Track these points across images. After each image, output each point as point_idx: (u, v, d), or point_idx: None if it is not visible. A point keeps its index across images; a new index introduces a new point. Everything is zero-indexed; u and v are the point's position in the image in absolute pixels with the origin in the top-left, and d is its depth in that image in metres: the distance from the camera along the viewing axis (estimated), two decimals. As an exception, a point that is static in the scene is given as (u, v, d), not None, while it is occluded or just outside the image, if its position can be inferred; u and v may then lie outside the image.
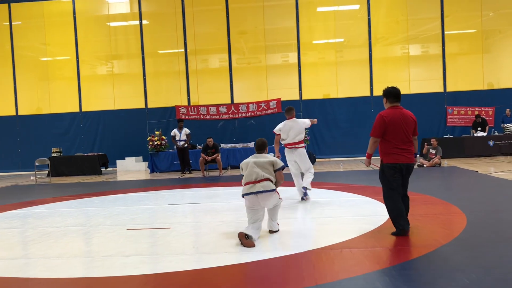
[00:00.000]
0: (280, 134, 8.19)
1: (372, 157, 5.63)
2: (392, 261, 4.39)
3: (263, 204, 5.50)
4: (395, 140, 5.32)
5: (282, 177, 5.67)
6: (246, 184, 5.56)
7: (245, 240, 5.22)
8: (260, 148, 5.90)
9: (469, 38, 17.73)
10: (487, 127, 16.24)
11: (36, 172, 14.98)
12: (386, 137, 5.34)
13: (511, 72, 17.20)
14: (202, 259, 4.79)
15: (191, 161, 15.19)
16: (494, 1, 17.29)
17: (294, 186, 8.43)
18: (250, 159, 5.71)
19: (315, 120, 8.68)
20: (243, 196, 5.58)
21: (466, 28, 17.59)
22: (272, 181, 5.54)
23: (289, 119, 8.26)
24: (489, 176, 10.41)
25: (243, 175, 5.65)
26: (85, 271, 4.63)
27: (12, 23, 18.89)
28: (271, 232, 5.79)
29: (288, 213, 7.00)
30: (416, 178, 10.63)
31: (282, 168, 5.67)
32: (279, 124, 8.31)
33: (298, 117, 17.04)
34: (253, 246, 5.16)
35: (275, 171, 5.62)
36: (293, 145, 8.18)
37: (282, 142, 8.21)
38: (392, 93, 5.49)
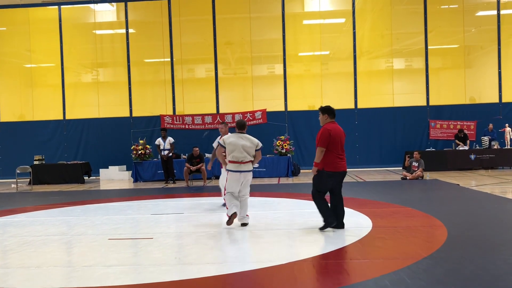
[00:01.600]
0: None
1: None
2: (374, 273, 4.42)
3: (243, 179, 6.93)
4: (336, 150, 6.26)
5: (260, 156, 7.14)
6: (233, 162, 6.90)
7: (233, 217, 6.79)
8: (243, 127, 7.12)
9: (451, 53, 18.06)
10: (467, 141, 16.50)
11: (18, 180, 14.76)
12: (329, 147, 6.24)
13: (493, 87, 17.53)
14: (184, 270, 4.76)
15: (175, 171, 15.12)
16: (476, 18, 17.68)
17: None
18: (238, 141, 6.91)
19: None
20: (227, 170, 6.96)
21: (449, 43, 17.90)
22: (252, 162, 7.01)
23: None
24: (470, 190, 10.55)
25: (222, 145, 6.98)
26: (64, 281, 4.57)
27: (-3, 28, 18.73)
28: (243, 225, 6.91)
29: (271, 224, 7.00)
30: (399, 191, 10.75)
31: (261, 148, 7.13)
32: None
33: (284, 128, 17.25)
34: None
35: (256, 150, 7.02)
36: None
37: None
38: (331, 111, 6.53)
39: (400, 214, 7.46)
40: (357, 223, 6.88)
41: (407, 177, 13.24)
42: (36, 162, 16.21)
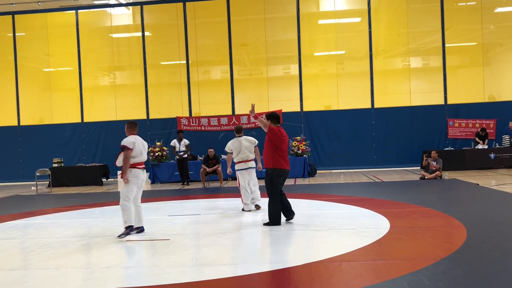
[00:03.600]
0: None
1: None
2: (392, 274, 4.37)
3: (249, 176, 8.49)
4: (282, 151, 6.98)
5: (258, 151, 8.71)
6: (240, 162, 8.47)
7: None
8: (241, 131, 8.77)
9: (469, 51, 17.78)
10: (486, 140, 16.23)
11: (37, 183, 14.99)
12: (278, 146, 6.94)
13: (512, 85, 17.24)
14: (201, 271, 4.77)
15: (191, 172, 15.18)
16: (494, 14, 17.38)
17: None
18: (240, 144, 8.51)
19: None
20: (236, 171, 8.53)
21: (467, 41, 17.65)
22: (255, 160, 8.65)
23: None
24: (490, 189, 10.38)
25: (229, 152, 8.64)
26: (83, 283, 4.62)
27: (16, 34, 19.02)
28: (256, 206, 8.61)
29: (287, 225, 6.98)
30: (417, 191, 10.62)
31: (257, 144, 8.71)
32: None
33: (299, 128, 17.20)
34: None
35: (254, 147, 8.66)
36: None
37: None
38: (276, 117, 7.20)
39: (418, 215, 7.38)
40: (374, 224, 6.82)
41: (426, 177, 13.08)
42: (55, 165, 16.43)
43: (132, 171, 6.81)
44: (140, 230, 6.90)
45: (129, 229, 6.72)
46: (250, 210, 8.52)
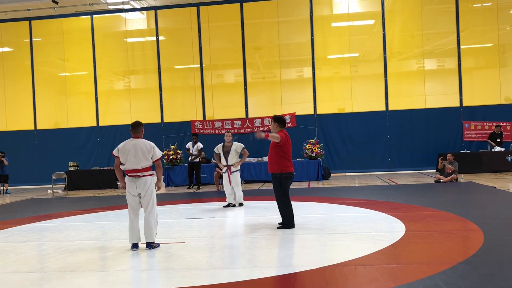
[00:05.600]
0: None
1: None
2: (407, 278, 4.34)
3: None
4: (288, 155, 7.13)
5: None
6: (225, 166, 9.72)
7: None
8: None
9: (485, 52, 17.59)
10: (503, 137, 15.99)
11: (53, 186, 15.15)
12: (285, 151, 7.05)
13: (529, 87, 16.98)
14: (216, 274, 4.78)
15: (205, 176, 15.23)
16: (511, 15, 17.17)
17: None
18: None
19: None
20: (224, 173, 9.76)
21: (483, 42, 17.46)
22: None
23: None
24: (507, 192, 10.24)
25: (217, 153, 9.91)
26: (99, 285, 4.66)
27: (33, 39, 19.30)
28: (240, 204, 9.86)
29: (302, 229, 6.97)
30: (432, 194, 10.52)
31: None
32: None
33: (313, 131, 17.15)
34: None
35: None
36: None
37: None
38: (282, 120, 7.29)
39: (434, 218, 7.31)
40: (390, 227, 6.77)
41: (441, 180, 12.95)
42: (71, 168, 16.60)
43: (125, 179, 6.28)
44: (134, 246, 6.15)
45: (132, 247, 6.17)
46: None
